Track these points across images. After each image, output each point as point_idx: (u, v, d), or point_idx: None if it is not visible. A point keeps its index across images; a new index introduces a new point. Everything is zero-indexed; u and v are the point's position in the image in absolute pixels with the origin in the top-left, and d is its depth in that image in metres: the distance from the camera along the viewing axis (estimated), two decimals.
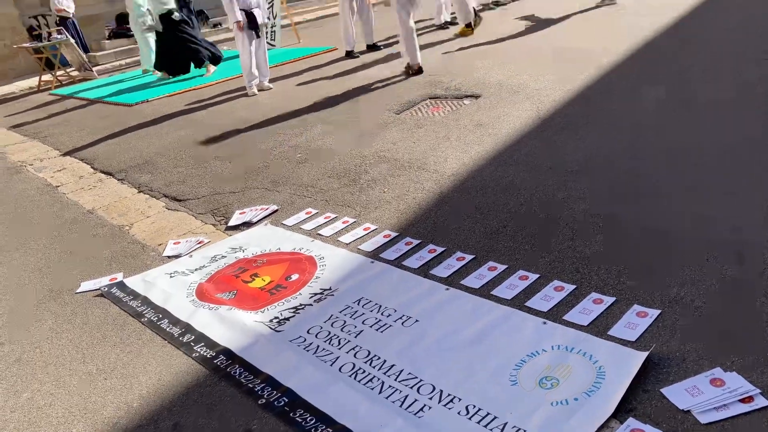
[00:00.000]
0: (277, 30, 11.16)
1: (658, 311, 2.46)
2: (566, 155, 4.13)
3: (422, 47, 8.35)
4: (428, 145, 4.81)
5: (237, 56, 10.95)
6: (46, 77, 11.60)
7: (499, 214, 3.49)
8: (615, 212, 3.28)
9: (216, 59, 9.57)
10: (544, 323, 2.50)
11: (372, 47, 8.94)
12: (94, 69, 11.79)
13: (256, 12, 7.33)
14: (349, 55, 8.72)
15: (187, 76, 9.67)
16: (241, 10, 7.20)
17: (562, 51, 6.89)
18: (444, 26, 9.70)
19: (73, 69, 12.07)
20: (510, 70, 6.50)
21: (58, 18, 12.96)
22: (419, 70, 6.96)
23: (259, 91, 7.65)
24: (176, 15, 9.16)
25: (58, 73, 11.68)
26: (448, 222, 3.51)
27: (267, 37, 10.43)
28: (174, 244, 3.92)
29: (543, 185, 3.74)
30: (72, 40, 11.53)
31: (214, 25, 14.71)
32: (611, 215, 3.26)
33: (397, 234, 3.48)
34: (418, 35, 9.27)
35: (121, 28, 13.38)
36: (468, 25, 8.79)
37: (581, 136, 4.44)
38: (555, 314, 2.55)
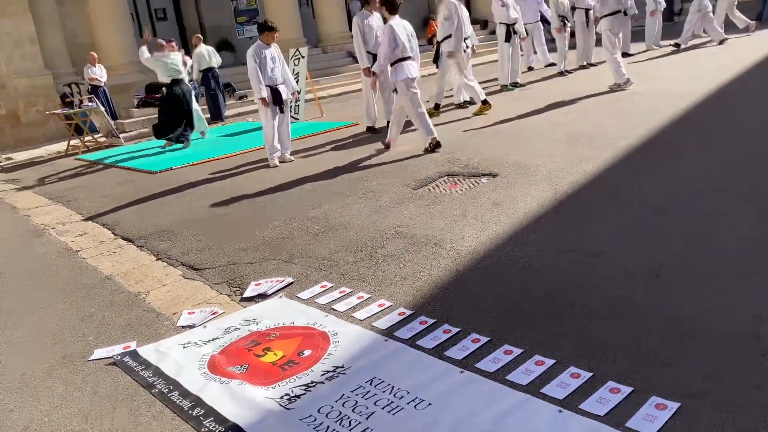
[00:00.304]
0: (300, 104, 11.50)
1: (678, 404, 2.40)
2: (585, 238, 4.13)
3: (440, 125, 8.53)
4: (445, 222, 4.84)
5: (261, 128, 11.35)
6: (75, 142, 11.95)
7: (516, 295, 3.47)
8: (634, 298, 3.25)
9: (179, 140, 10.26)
10: (560, 411, 2.45)
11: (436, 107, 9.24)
12: (121, 136, 12.16)
13: (281, 88, 7.59)
14: (371, 130, 8.92)
15: (209, 149, 9.96)
16: (267, 86, 7.46)
17: (579, 133, 7.00)
18: (463, 105, 9.93)
19: (100, 135, 12.46)
20: (527, 150, 6.60)
21: (90, 86, 13.49)
22: (437, 145, 7.09)
23: (280, 162, 7.80)
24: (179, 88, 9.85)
25: (86, 138, 12.04)
26: (464, 302, 3.49)
27: (291, 111, 10.76)
28: (188, 313, 3.93)
29: (561, 267, 3.73)
30: (102, 108, 11.96)
31: (240, 98, 15.18)
32: (631, 301, 3.22)
33: (412, 312, 3.46)
34: (438, 113, 9.52)
35: (150, 97, 13.85)
36: (485, 102, 9.00)
37: (599, 218, 4.45)
38: (571, 402, 2.50)
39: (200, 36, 13.84)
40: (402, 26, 7.24)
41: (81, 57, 14.41)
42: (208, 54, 13.21)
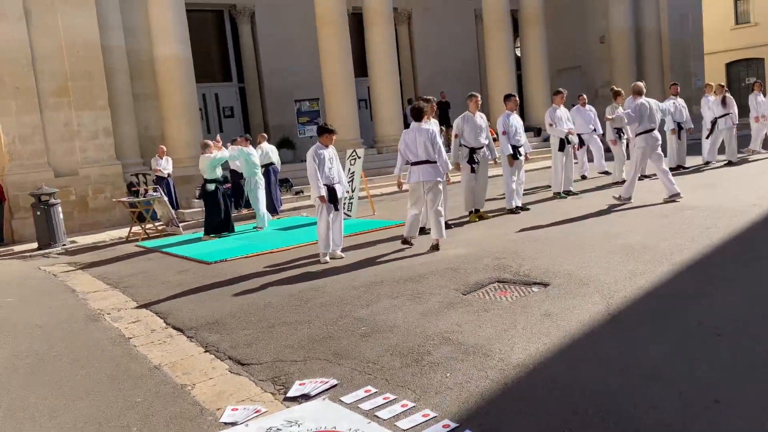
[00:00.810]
0: (354, 201, 11.79)
1: None
2: (638, 358, 4.00)
3: (491, 230, 8.57)
4: (494, 330, 4.78)
5: (315, 223, 11.61)
6: (136, 229, 12.46)
7: (564, 414, 3.35)
8: (691, 427, 3.10)
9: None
10: None
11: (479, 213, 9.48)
12: (180, 225, 12.61)
13: (337, 187, 7.86)
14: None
15: (264, 240, 10.24)
16: (324, 185, 7.75)
17: (632, 245, 6.91)
18: (515, 211, 10.00)
19: (161, 223, 12.96)
20: (579, 259, 6.53)
21: (155, 176, 14.20)
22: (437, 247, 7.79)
23: (331, 259, 7.93)
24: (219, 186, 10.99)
25: (147, 226, 12.54)
26: (510, 416, 3.39)
27: (344, 208, 11.02)
28: (232, 410, 3.92)
29: (612, 388, 3.60)
30: (165, 198, 12.52)
31: (297, 193, 15.66)
32: (687, 429, 3.08)
33: (457, 425, 3.38)
34: (489, 217, 9.60)
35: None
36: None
37: (654, 337, 4.31)
38: None
39: (264, 135, 14.57)
40: (425, 131, 7.80)
41: (150, 149, 15.28)
42: (270, 151, 13.85)
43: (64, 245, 12.09)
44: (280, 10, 20.71)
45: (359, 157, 12.03)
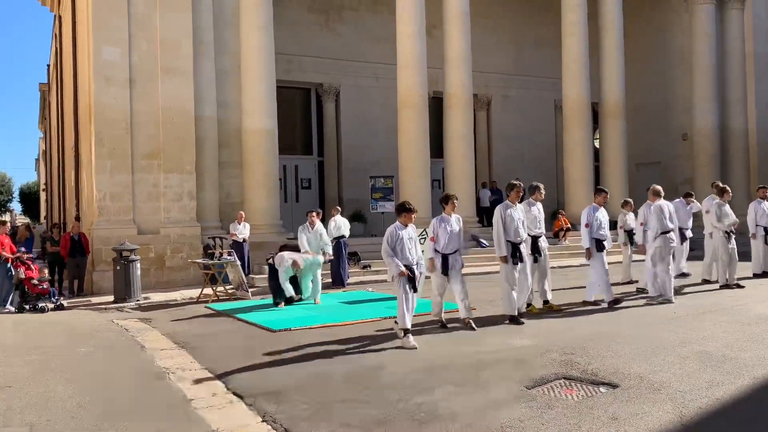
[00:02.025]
0: (420, 280, 11.77)
1: None
2: None
3: (561, 323, 8.36)
4: (557, 430, 4.59)
5: (380, 299, 11.61)
6: (208, 291, 12.78)
7: None
8: None
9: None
10: None
11: (516, 319, 8.82)
12: (250, 290, 12.88)
13: (416, 269, 7.85)
14: (514, 321, 8.74)
15: (328, 311, 10.32)
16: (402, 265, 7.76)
17: (710, 352, 6.56)
18: (589, 303, 9.78)
19: (231, 287, 13.26)
20: (652, 362, 6.25)
21: (232, 241, 14.64)
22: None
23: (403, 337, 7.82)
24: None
25: (219, 288, 12.86)
26: None
27: None
28: None
29: None
30: (238, 262, 12.85)
31: (364, 267, 15.77)
32: None
33: None
34: (560, 308, 9.38)
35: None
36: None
37: None
38: None
39: (338, 208, 14.92)
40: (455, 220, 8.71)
41: (229, 214, 15.82)
42: (344, 224, 14.16)
43: (138, 301, 12.52)
44: (364, 91, 21.62)
45: (428, 236, 12.12)
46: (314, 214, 12.05)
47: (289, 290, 11.25)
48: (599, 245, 9.81)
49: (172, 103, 14.76)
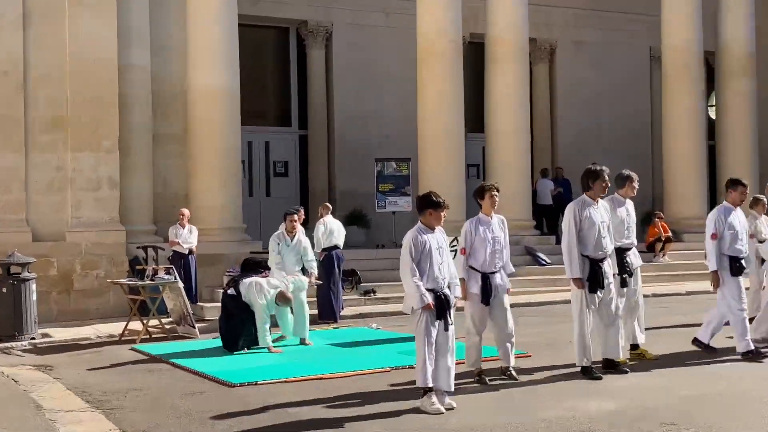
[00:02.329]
0: (451, 311, 11.73)
1: None
2: None
3: (655, 378, 8.31)
4: None
5: (388, 340, 11.55)
6: (135, 325, 12.77)
7: None
8: None
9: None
10: None
11: (591, 372, 8.77)
12: (197, 325, 12.85)
13: (449, 294, 7.67)
14: (588, 374, 8.70)
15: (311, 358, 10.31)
16: (429, 290, 7.56)
17: None
18: (709, 348, 9.77)
19: (170, 320, 13.25)
20: None
21: (172, 252, 14.62)
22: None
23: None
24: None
25: (151, 322, 12.85)
26: None
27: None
28: None
29: None
30: (181, 284, 12.84)
31: (366, 293, 15.75)
32: None
33: None
34: (653, 357, 9.33)
35: (247, 275, 14.70)
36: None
37: None
38: None
39: (329, 205, 14.89)
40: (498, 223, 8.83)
41: (167, 212, 15.81)
42: (337, 229, 14.17)
43: (33, 338, 12.51)
44: (367, 32, 21.45)
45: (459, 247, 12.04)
46: (295, 217, 11.95)
47: (269, 338, 11.06)
48: (735, 266, 9.59)
49: (85, 49, 14.77)
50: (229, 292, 11.37)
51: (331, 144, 21.45)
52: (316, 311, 13.90)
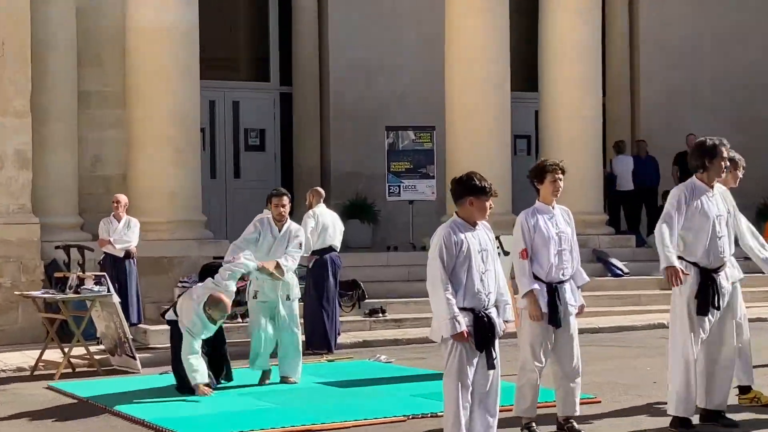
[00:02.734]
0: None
1: None
2: None
3: None
4: None
5: (399, 379, 11.53)
6: (52, 355, 12.75)
7: None
8: None
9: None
10: None
11: (688, 424, 8.73)
12: (138, 356, 12.83)
13: (493, 316, 7.50)
14: (685, 426, 8.66)
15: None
16: (467, 309, 7.42)
17: None
18: None
19: (101, 348, 13.23)
20: None
21: (103, 255, 14.58)
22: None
23: None
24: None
25: (75, 351, 12.81)
26: None
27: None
28: None
29: None
30: (116, 299, 12.79)
31: (372, 312, 15.69)
32: None
33: None
34: None
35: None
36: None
37: None
38: None
39: (321, 191, 14.77)
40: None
41: (99, 199, 15.83)
42: (332, 225, 14.11)
43: None
44: None
45: (504, 252, 11.97)
46: (285, 200, 11.63)
47: (198, 374, 10.77)
48: None
49: None
50: (168, 316, 11.32)
51: (324, 106, 21.48)
52: (302, 337, 13.91)
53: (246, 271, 11.17)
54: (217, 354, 11.41)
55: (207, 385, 10.88)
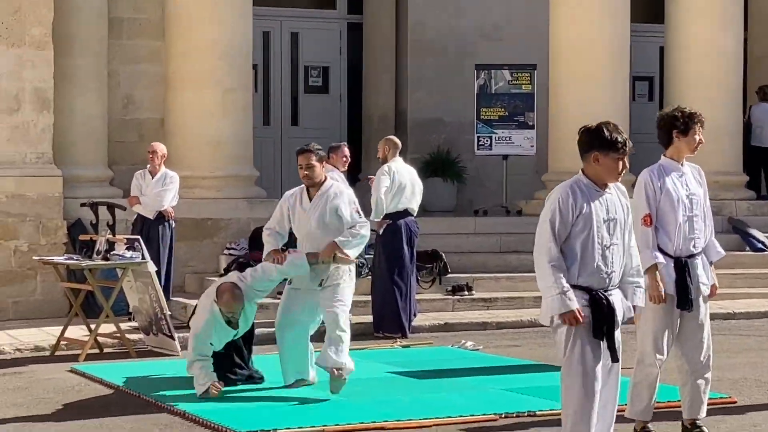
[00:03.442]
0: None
1: None
2: None
3: None
4: None
5: (489, 371, 11.63)
6: (76, 332, 13.05)
7: None
8: None
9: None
10: None
11: None
12: (177, 335, 13.03)
13: (616, 299, 7.47)
14: None
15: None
16: (581, 287, 7.39)
17: None
18: None
19: (133, 325, 13.50)
20: None
21: (135, 216, 14.73)
22: None
23: None
24: None
25: (104, 328, 13.07)
26: None
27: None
28: None
29: None
30: (152, 268, 12.97)
31: (457, 289, 15.74)
32: None
33: None
34: None
35: (258, 256, 14.77)
36: None
37: None
38: None
39: (397, 141, 14.80)
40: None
41: (132, 149, 16.01)
42: (410, 184, 14.23)
43: None
44: None
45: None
46: (311, 156, 11.36)
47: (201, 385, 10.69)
48: None
49: None
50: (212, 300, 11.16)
51: (400, 39, 21.51)
52: (370, 318, 14.03)
53: (297, 274, 10.83)
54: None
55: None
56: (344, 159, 13.67)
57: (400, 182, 14.17)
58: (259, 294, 10.93)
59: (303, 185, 11.16)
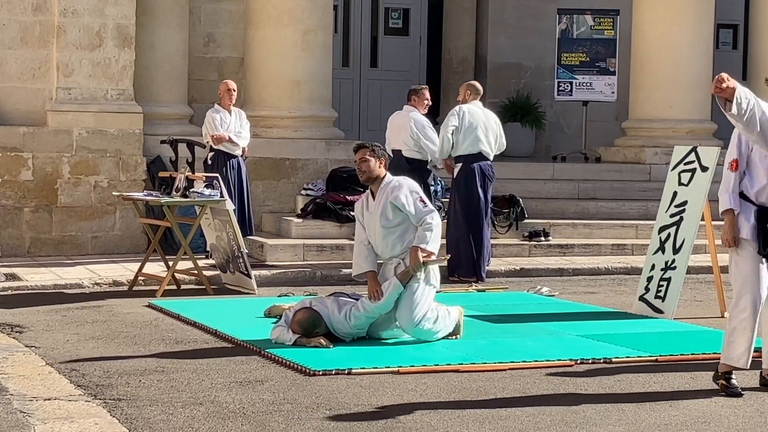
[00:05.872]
0: (676, 278, 11.60)
1: None
2: None
3: None
4: None
5: (557, 316, 11.58)
6: (154, 268, 13.17)
7: None
8: None
9: None
10: None
11: None
12: (254, 273, 13.14)
13: None
14: None
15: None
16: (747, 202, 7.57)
17: None
18: None
19: (210, 263, 13.55)
20: None
21: (212, 153, 14.74)
22: None
23: None
24: None
25: (181, 265, 13.18)
26: None
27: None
28: None
29: None
30: (230, 206, 12.99)
31: (534, 235, 15.67)
32: None
33: None
34: None
35: (333, 197, 14.79)
36: None
37: None
38: None
39: (477, 85, 14.67)
40: None
41: (212, 86, 15.97)
42: (484, 127, 14.08)
43: None
44: None
45: (702, 168, 11.80)
46: (366, 152, 11.12)
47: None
48: None
49: None
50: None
51: None
52: (445, 263, 13.97)
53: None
54: None
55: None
56: (426, 102, 13.54)
57: (471, 123, 14.06)
58: (360, 332, 10.55)
59: (368, 191, 11.01)
